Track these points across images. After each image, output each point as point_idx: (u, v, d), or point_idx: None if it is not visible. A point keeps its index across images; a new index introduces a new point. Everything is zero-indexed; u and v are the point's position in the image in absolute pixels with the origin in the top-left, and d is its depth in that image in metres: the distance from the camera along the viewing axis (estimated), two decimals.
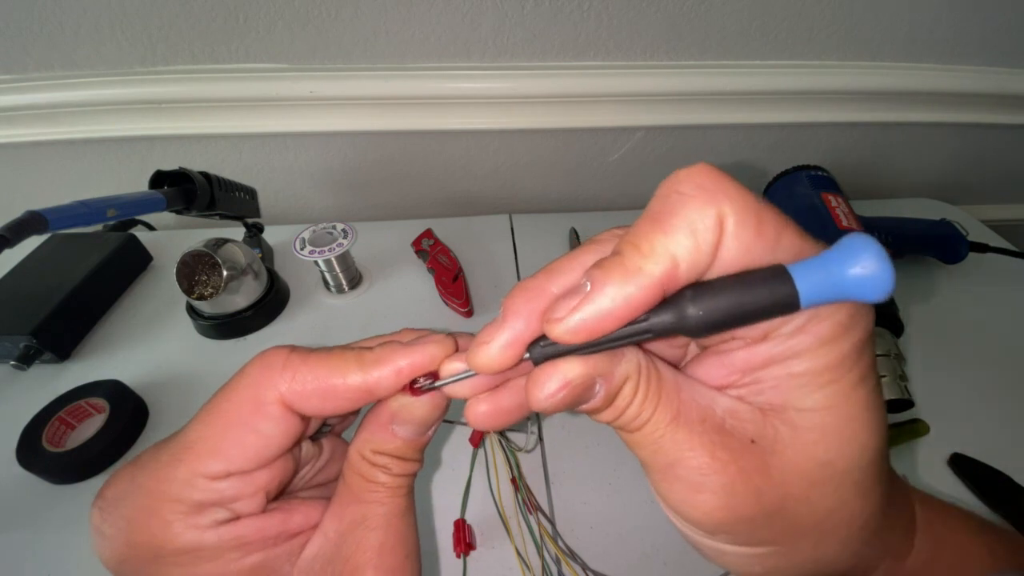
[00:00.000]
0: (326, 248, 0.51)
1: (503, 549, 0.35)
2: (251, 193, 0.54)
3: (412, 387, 0.16)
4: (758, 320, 0.13)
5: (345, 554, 0.16)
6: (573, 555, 0.35)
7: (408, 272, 0.58)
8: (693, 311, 0.13)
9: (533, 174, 0.70)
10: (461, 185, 0.70)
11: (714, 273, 0.13)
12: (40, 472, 0.38)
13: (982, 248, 0.59)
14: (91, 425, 0.41)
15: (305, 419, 0.17)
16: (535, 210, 0.69)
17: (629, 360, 0.14)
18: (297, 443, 0.17)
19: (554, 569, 0.34)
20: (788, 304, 0.12)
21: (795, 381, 0.14)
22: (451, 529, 0.36)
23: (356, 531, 0.16)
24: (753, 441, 0.14)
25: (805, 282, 0.12)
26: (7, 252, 0.33)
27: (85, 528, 0.36)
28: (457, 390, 0.16)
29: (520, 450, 0.40)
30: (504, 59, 0.57)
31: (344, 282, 0.55)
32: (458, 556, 0.34)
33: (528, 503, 0.37)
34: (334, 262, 0.53)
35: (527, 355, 0.14)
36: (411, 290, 0.56)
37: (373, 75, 0.57)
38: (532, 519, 0.36)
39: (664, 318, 0.13)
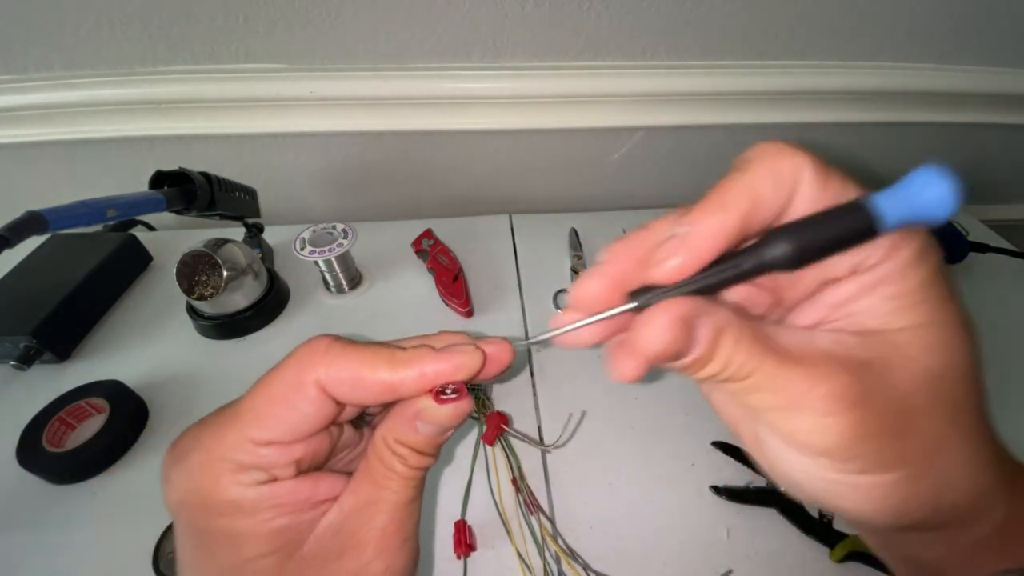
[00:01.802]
0: (326, 248, 0.51)
1: (504, 550, 0.35)
2: (251, 193, 0.54)
3: (438, 395, 0.18)
4: (847, 245, 0.14)
5: (352, 528, 0.18)
6: (574, 555, 0.35)
7: (408, 272, 0.58)
8: (786, 242, 0.14)
9: (533, 174, 0.70)
10: (461, 185, 0.70)
11: (792, 216, 0.15)
12: (40, 472, 0.38)
13: (982, 248, 0.59)
14: (91, 425, 0.41)
15: (340, 404, 0.18)
16: (535, 210, 0.69)
17: (725, 310, 0.15)
18: (330, 424, 0.18)
19: (555, 569, 0.34)
20: (870, 228, 0.14)
21: (890, 304, 0.15)
22: (451, 530, 0.36)
23: (366, 510, 0.18)
24: (865, 362, 0.14)
25: (883, 205, 0.14)
26: (7, 252, 0.33)
27: (85, 528, 0.37)
28: (567, 340, 0.17)
29: (549, 449, 0.40)
30: (504, 59, 0.57)
31: (344, 282, 0.55)
32: (459, 557, 0.34)
33: (529, 503, 0.37)
34: (334, 262, 0.53)
35: (634, 303, 0.15)
36: (411, 290, 0.56)
37: (373, 75, 0.57)
38: (533, 519, 0.36)
39: (762, 253, 0.14)
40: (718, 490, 0.38)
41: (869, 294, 0.15)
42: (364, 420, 0.22)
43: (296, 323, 0.53)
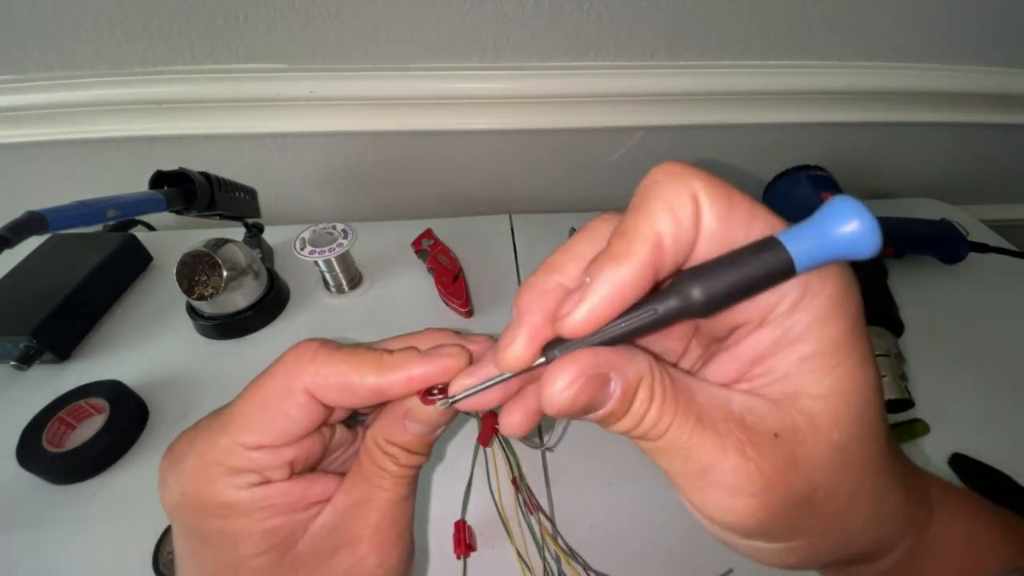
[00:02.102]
0: (326, 248, 0.51)
1: (503, 550, 0.35)
2: (251, 193, 0.54)
3: (425, 395, 0.18)
4: (758, 290, 0.13)
5: (346, 526, 0.18)
6: (574, 555, 0.35)
7: (408, 272, 0.58)
8: (695, 288, 0.13)
9: (533, 174, 0.70)
10: (461, 185, 0.70)
11: (700, 253, 0.14)
12: (40, 472, 0.38)
13: (982, 248, 0.59)
14: (91, 425, 0.41)
15: (329, 408, 0.18)
16: (535, 210, 0.69)
17: (640, 361, 0.14)
18: (320, 426, 0.19)
19: (555, 569, 0.34)
20: (784, 269, 0.13)
21: (805, 366, 0.14)
22: (451, 530, 0.36)
23: (359, 508, 0.18)
24: (776, 435, 0.14)
25: (796, 246, 0.13)
26: (7, 252, 0.33)
27: (85, 528, 0.37)
28: (466, 404, 0.18)
29: (540, 447, 0.40)
30: (504, 59, 0.57)
31: (344, 282, 0.55)
32: (458, 557, 0.34)
33: (529, 503, 0.37)
34: (334, 262, 0.53)
35: (542, 358, 0.15)
36: (411, 290, 0.56)
37: (373, 75, 0.57)
38: (533, 519, 0.36)
39: (669, 302, 0.14)
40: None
41: (785, 352, 0.14)
42: (357, 420, 0.22)
43: (296, 323, 0.53)
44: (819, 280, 0.14)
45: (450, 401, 0.17)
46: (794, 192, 0.60)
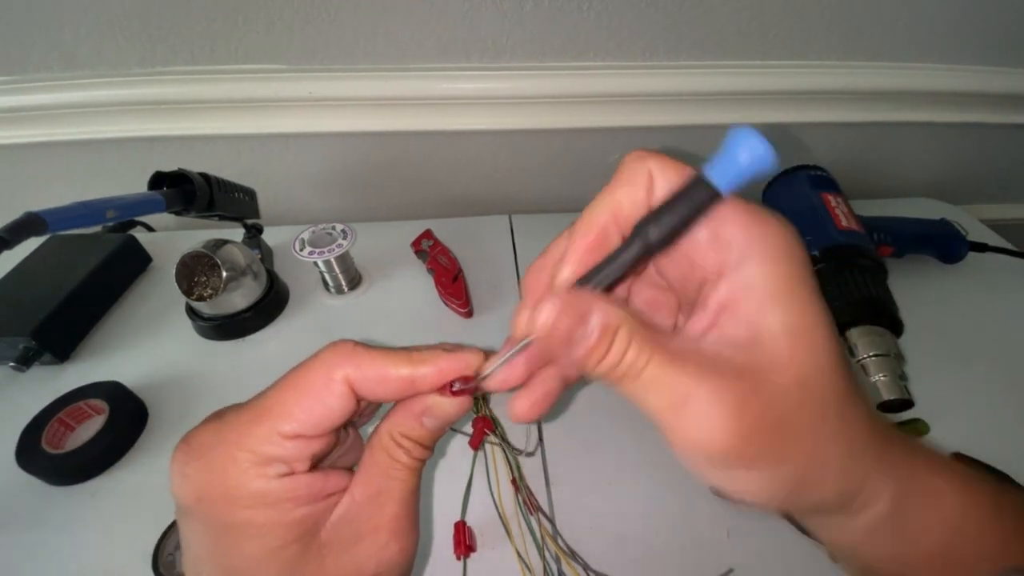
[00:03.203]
0: (326, 249, 0.51)
1: (503, 550, 0.35)
2: (250, 194, 0.54)
3: (449, 388, 0.20)
4: (697, 215, 0.17)
5: (367, 515, 0.19)
6: (574, 555, 0.35)
7: (408, 273, 0.58)
8: (650, 227, 0.17)
9: (533, 174, 0.69)
10: (461, 185, 0.70)
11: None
12: (39, 474, 0.38)
13: (982, 248, 0.59)
14: (90, 426, 0.41)
15: (361, 401, 0.19)
16: (535, 210, 0.69)
17: (619, 309, 0.16)
18: (349, 421, 0.20)
19: (554, 569, 0.34)
20: (712, 193, 0.16)
21: (760, 307, 0.16)
22: (451, 531, 0.36)
23: (378, 498, 0.20)
24: (743, 369, 0.16)
25: (715, 175, 0.16)
26: (6, 253, 0.33)
27: (85, 529, 0.37)
28: (490, 384, 0.20)
29: (521, 453, 0.40)
30: (504, 59, 0.57)
31: (344, 283, 0.55)
32: (458, 558, 0.34)
33: (528, 504, 0.37)
34: (333, 263, 0.53)
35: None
36: (411, 291, 0.56)
37: (373, 75, 0.57)
38: (533, 520, 0.36)
39: (635, 244, 0.17)
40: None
41: (742, 298, 0.16)
42: (350, 422, 0.23)
43: (296, 324, 0.53)
44: (761, 233, 0.17)
45: (484, 376, 0.20)
46: (794, 192, 0.60)
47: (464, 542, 0.35)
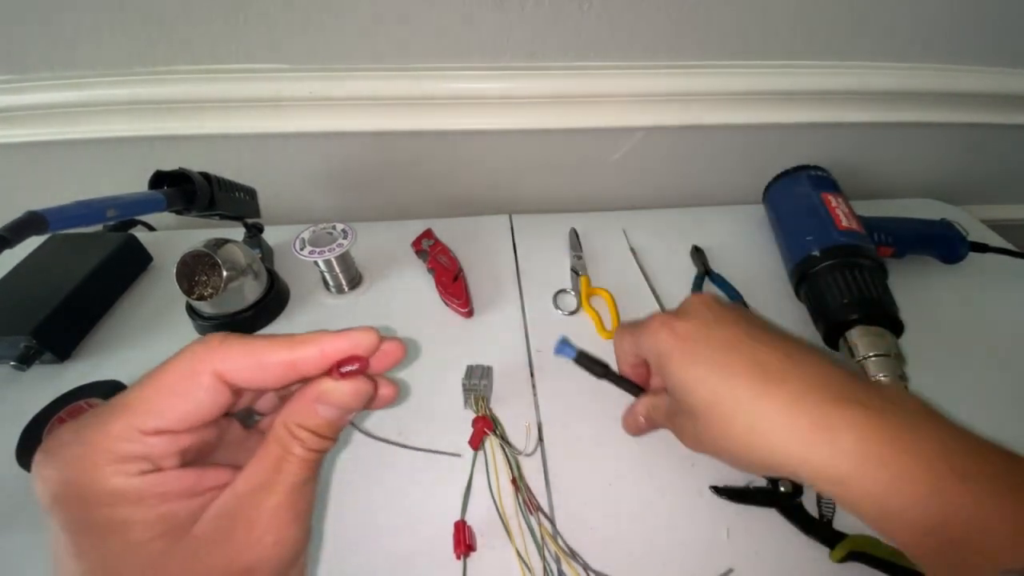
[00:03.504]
0: (326, 248, 0.51)
1: (503, 550, 0.35)
2: (251, 193, 0.54)
3: (337, 370, 0.19)
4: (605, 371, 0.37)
5: (245, 508, 0.19)
6: (574, 555, 0.35)
7: (408, 272, 0.58)
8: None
9: (533, 174, 0.70)
10: (461, 185, 0.70)
11: None
12: None
13: (982, 248, 0.59)
14: None
15: (236, 393, 0.19)
16: (535, 210, 0.69)
17: (646, 403, 0.36)
18: (223, 413, 0.19)
19: (554, 569, 0.34)
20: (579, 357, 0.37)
21: (670, 381, 0.31)
22: (450, 530, 0.36)
23: (259, 492, 0.19)
24: (677, 412, 0.31)
25: (568, 352, 0.37)
26: (7, 252, 0.33)
27: None
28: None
29: (520, 453, 0.40)
30: (504, 59, 0.57)
31: (344, 282, 0.55)
32: (458, 558, 0.34)
33: (528, 503, 0.37)
34: (334, 262, 0.53)
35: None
36: (411, 290, 0.56)
37: (373, 75, 0.57)
38: (533, 519, 0.36)
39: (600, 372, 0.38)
40: (718, 490, 0.38)
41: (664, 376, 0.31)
42: (252, 419, 0.23)
43: (296, 323, 0.53)
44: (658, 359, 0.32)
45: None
46: (794, 192, 0.60)
47: (464, 541, 0.35)
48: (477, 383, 0.43)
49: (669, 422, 0.34)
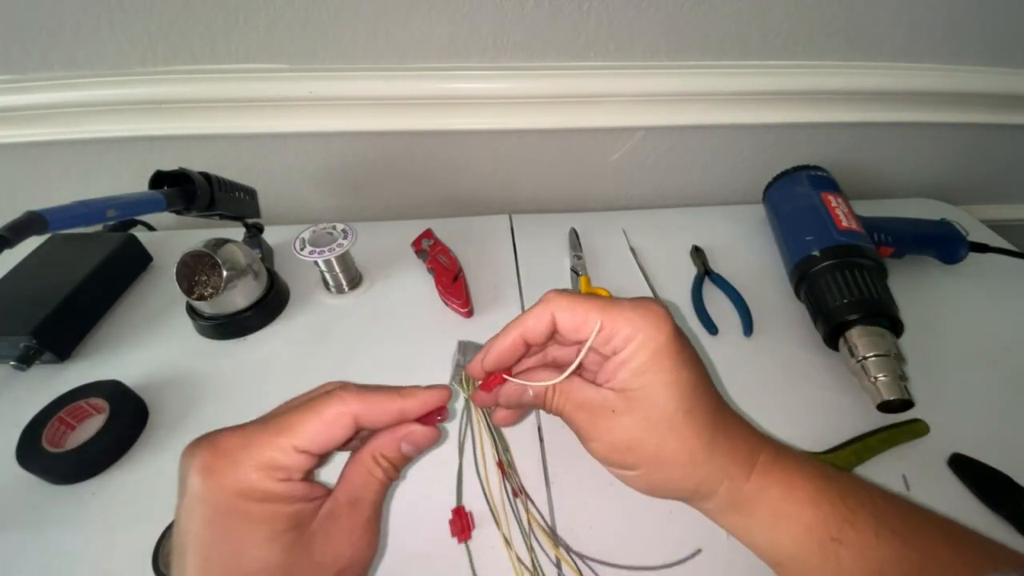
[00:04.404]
0: (326, 248, 0.51)
1: (497, 535, 0.35)
2: (251, 193, 0.54)
3: (426, 419, 0.26)
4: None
5: (347, 515, 0.24)
6: (572, 553, 0.35)
7: (408, 272, 0.58)
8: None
9: (533, 174, 0.70)
10: (461, 185, 0.70)
11: (564, 331, 0.27)
12: (40, 472, 0.38)
13: (982, 248, 0.59)
14: (91, 425, 0.41)
15: (357, 431, 0.25)
16: (535, 210, 0.69)
17: (543, 386, 0.28)
18: (339, 448, 0.25)
19: (546, 560, 0.34)
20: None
21: (629, 375, 0.25)
22: (445, 517, 0.36)
23: (356, 504, 0.25)
24: (613, 411, 0.26)
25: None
26: (7, 252, 0.33)
27: (85, 528, 0.37)
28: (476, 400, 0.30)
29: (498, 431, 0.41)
30: (504, 59, 0.57)
31: (344, 282, 0.55)
32: (460, 542, 0.35)
33: (515, 489, 0.38)
34: (334, 262, 0.53)
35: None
36: (411, 290, 0.56)
37: (373, 75, 0.57)
38: (519, 502, 0.37)
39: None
40: None
41: (622, 368, 0.25)
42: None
43: (296, 323, 0.53)
44: (631, 333, 0.25)
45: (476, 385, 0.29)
46: (794, 192, 0.60)
47: (468, 526, 0.36)
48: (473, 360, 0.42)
49: (582, 415, 0.27)
